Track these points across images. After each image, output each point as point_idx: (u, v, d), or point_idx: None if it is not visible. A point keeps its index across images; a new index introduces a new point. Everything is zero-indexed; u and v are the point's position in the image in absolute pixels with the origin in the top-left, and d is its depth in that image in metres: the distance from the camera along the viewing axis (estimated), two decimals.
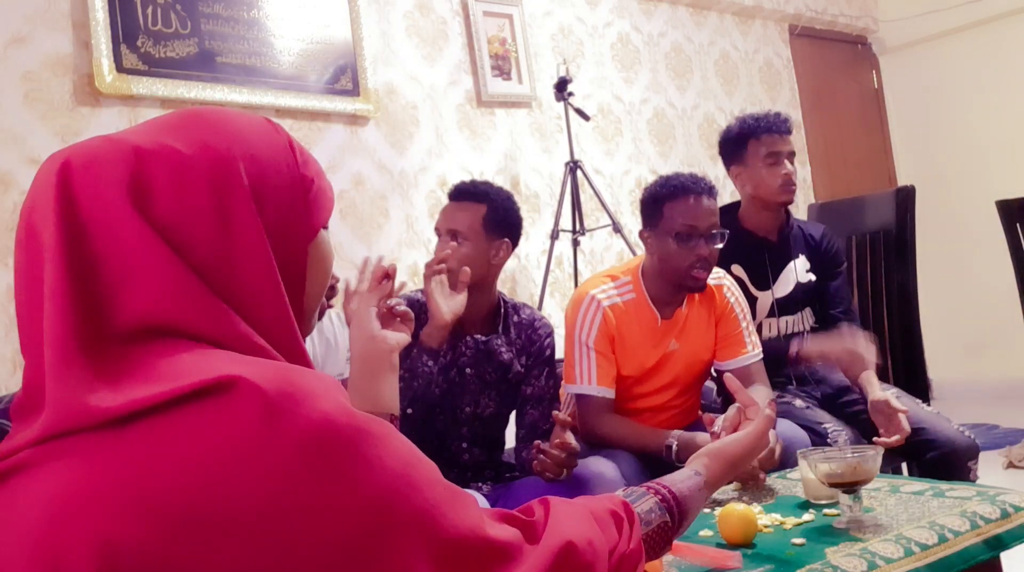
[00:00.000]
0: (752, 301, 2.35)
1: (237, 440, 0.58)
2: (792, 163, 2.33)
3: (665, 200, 1.99)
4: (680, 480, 0.97)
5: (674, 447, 1.80)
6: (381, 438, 0.64)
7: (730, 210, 2.46)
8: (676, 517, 0.92)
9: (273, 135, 0.75)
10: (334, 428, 0.61)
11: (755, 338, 2.13)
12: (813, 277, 2.41)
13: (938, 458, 2.05)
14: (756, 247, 2.37)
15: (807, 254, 2.41)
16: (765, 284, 2.37)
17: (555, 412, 1.74)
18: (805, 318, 2.42)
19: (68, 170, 0.65)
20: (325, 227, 0.79)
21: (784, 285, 2.37)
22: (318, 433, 0.60)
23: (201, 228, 0.66)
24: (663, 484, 0.94)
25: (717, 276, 2.13)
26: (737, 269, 2.35)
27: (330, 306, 2.01)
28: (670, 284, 2.02)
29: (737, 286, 2.18)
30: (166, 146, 0.68)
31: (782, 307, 2.37)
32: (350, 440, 0.62)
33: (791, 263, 2.39)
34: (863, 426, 2.12)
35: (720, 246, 1.99)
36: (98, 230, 0.64)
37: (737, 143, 2.36)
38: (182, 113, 0.73)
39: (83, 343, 0.61)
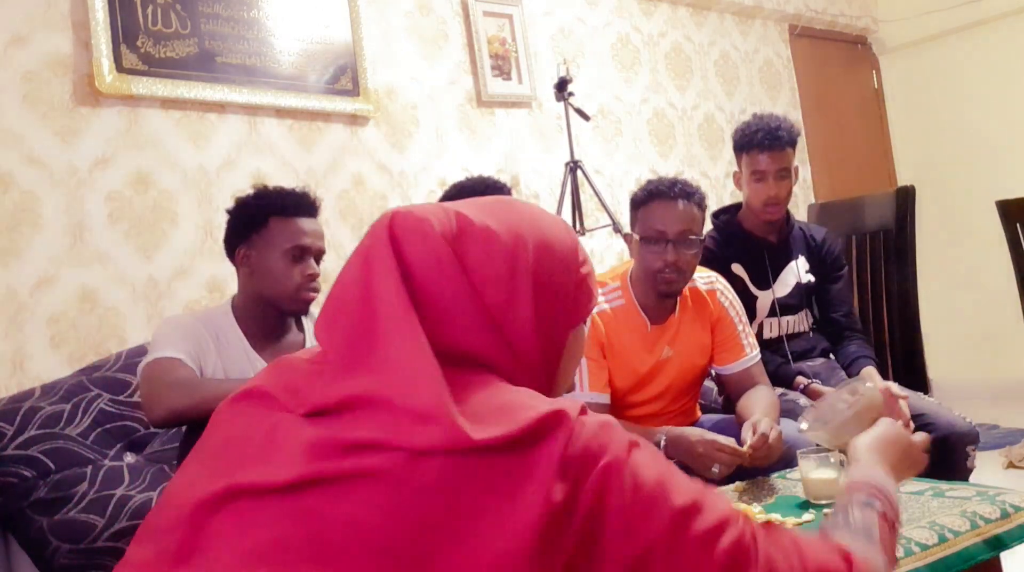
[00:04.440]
0: (752, 300, 2.35)
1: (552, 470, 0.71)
2: (784, 179, 2.31)
3: (640, 205, 1.99)
4: (873, 477, 0.97)
5: (662, 443, 1.78)
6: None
7: (730, 210, 2.49)
8: (892, 508, 0.93)
9: (566, 235, 0.90)
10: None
11: (752, 339, 2.12)
12: (813, 278, 2.43)
13: (937, 440, 2.04)
14: (756, 247, 2.39)
15: (807, 255, 2.45)
16: (765, 284, 2.39)
17: None
18: (805, 317, 2.44)
19: (395, 218, 0.82)
20: (584, 322, 0.93)
21: (784, 285, 2.40)
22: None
23: (493, 290, 0.81)
24: (869, 484, 0.94)
25: (709, 280, 2.12)
26: (737, 268, 2.37)
27: (316, 291, 1.90)
28: (649, 288, 2.01)
29: (730, 289, 2.16)
30: (483, 221, 0.84)
31: (783, 307, 2.38)
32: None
33: (791, 263, 2.41)
34: None
35: (694, 252, 1.95)
36: (426, 269, 0.79)
37: (736, 150, 2.40)
38: (500, 199, 0.92)
39: (434, 358, 0.75)
